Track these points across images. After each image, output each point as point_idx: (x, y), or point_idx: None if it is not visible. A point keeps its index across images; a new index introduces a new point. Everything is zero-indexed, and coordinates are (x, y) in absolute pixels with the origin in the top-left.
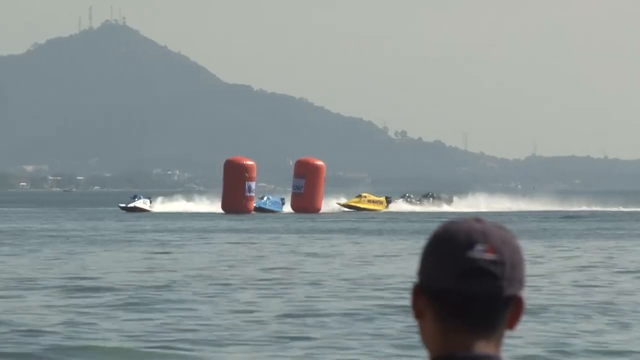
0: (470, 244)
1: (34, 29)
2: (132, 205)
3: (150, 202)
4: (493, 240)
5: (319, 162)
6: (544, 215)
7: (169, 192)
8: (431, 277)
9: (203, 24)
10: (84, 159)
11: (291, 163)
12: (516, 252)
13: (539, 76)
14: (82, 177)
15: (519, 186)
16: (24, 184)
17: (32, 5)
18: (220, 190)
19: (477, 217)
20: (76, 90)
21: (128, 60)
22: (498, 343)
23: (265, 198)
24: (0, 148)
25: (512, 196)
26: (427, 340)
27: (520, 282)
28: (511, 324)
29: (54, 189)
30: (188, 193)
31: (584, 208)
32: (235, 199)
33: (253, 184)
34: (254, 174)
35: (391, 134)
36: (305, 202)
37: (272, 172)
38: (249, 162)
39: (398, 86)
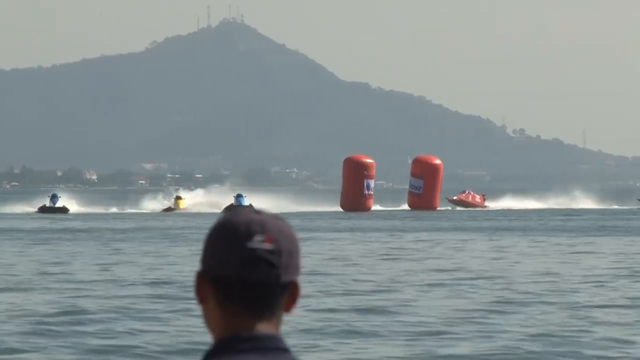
0: (249, 234)
1: (152, 28)
2: (59, 205)
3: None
4: (270, 231)
5: (437, 161)
6: None
7: (287, 191)
8: (214, 265)
9: (320, 22)
10: (204, 157)
11: (409, 161)
12: (292, 242)
13: None
14: (200, 175)
15: (638, 184)
16: (143, 181)
17: (151, 4)
18: (338, 187)
19: (256, 209)
20: (194, 89)
21: (246, 58)
22: (277, 324)
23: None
24: (121, 146)
25: None
26: (211, 324)
27: (296, 269)
28: (288, 307)
29: (173, 187)
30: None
31: None
32: (354, 197)
33: (372, 182)
34: (373, 172)
35: (509, 131)
36: (424, 202)
37: (390, 170)
38: (369, 160)
39: (516, 83)
